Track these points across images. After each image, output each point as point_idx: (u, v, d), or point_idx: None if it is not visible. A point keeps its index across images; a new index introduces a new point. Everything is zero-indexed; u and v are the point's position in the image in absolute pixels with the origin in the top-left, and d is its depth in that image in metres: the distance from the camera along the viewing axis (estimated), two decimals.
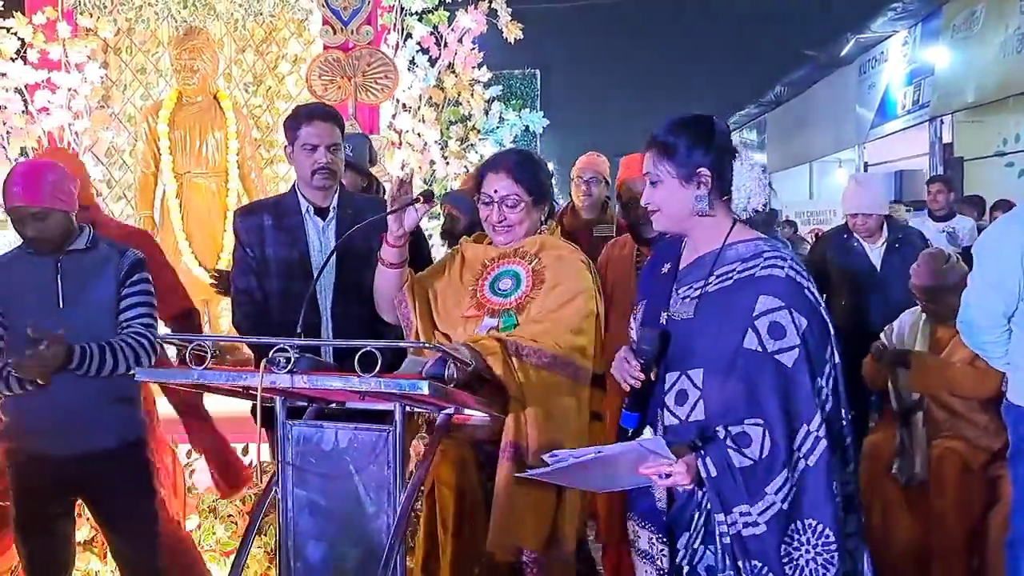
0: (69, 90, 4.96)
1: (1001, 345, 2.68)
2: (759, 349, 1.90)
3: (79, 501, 2.81)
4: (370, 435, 1.82)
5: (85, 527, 3.19)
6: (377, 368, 1.64)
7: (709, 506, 1.94)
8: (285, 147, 2.96)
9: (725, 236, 2.03)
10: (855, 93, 14.23)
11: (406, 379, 1.67)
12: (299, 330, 1.82)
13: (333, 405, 2.00)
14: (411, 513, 1.77)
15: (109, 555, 3.06)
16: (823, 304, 2.00)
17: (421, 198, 2.33)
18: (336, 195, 2.94)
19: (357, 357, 1.66)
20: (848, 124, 14.54)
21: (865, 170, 13.76)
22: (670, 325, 2.02)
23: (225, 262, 4.50)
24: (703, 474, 1.87)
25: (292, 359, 1.69)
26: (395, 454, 1.78)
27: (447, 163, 5.39)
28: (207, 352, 1.76)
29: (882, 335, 3.68)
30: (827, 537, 1.89)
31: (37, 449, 2.64)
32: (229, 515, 3.33)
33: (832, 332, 1.99)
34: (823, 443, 1.89)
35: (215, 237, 4.72)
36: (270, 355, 1.72)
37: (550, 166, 4.20)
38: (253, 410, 2.95)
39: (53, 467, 2.62)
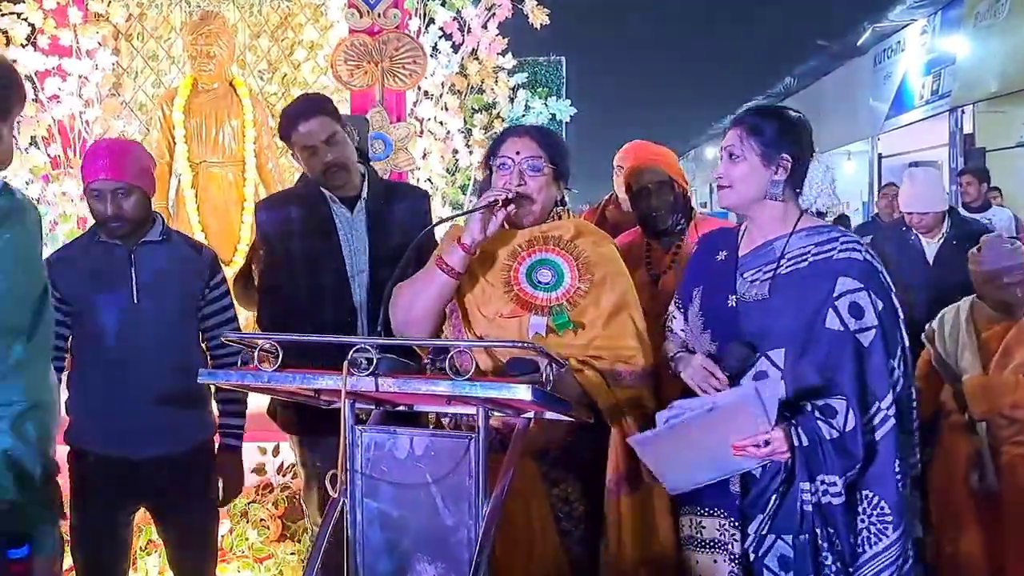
0: (80, 77, 4.80)
1: None
2: (842, 328, 1.99)
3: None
4: (449, 442, 1.65)
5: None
6: (471, 371, 1.47)
7: (785, 487, 2.01)
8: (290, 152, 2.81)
9: (795, 223, 2.11)
10: (869, 84, 14.06)
11: (505, 383, 1.50)
12: (379, 328, 1.65)
13: (401, 407, 1.83)
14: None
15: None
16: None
17: (501, 200, 2.10)
18: (365, 182, 2.77)
19: (449, 359, 1.49)
20: (861, 115, 14.38)
21: (879, 162, 13.60)
22: (740, 306, 2.09)
23: (241, 254, 4.34)
24: (795, 442, 1.95)
25: (374, 360, 1.51)
26: (478, 462, 1.61)
27: (470, 152, 5.23)
28: (278, 352, 1.58)
29: (925, 337, 3.51)
30: (882, 509, 2.01)
31: (106, 453, 2.46)
32: (261, 519, 3.16)
33: (902, 316, 2.08)
34: (891, 421, 2.00)
35: (232, 228, 4.54)
36: (351, 355, 1.55)
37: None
38: (271, 410, 2.83)
39: (123, 472, 2.46)
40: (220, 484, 2.64)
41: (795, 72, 17.48)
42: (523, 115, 5.47)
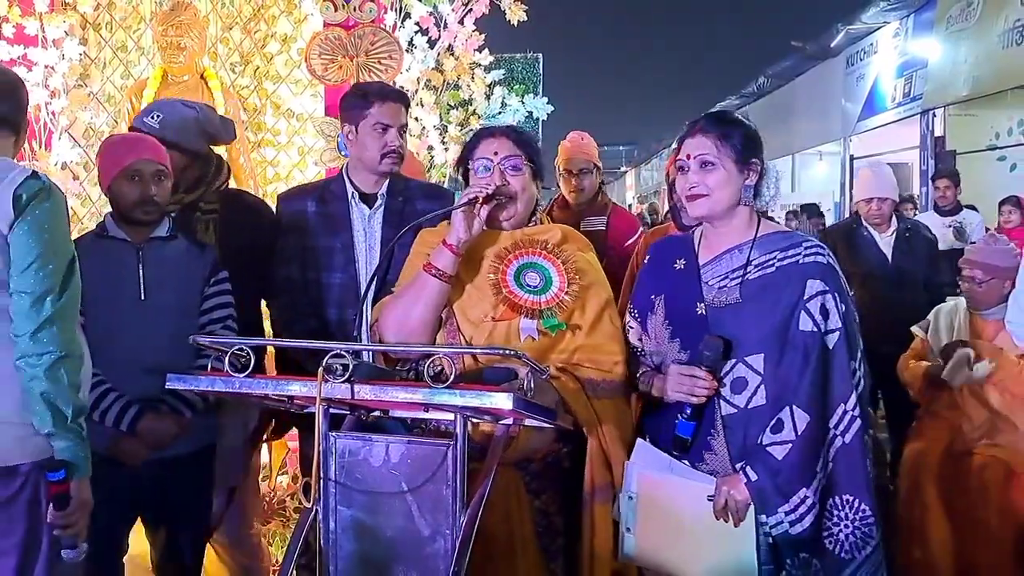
0: (46, 67, 4.68)
1: None
2: (815, 330, 2.01)
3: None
4: (426, 449, 1.60)
5: None
6: (451, 378, 1.43)
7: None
8: (344, 127, 2.77)
9: (756, 228, 2.13)
10: (842, 85, 14.15)
11: (484, 391, 1.45)
12: (356, 333, 1.60)
13: (377, 413, 1.78)
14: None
15: None
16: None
17: (481, 197, 2.06)
18: (387, 181, 2.76)
19: (428, 365, 1.44)
20: (834, 116, 14.46)
21: (851, 163, 13.70)
22: (710, 314, 2.08)
23: None
24: (743, 480, 1.99)
25: (350, 366, 1.46)
26: (456, 471, 1.56)
27: (446, 149, 5.18)
28: (250, 357, 1.53)
29: (916, 331, 3.57)
30: (864, 512, 2.01)
31: (108, 455, 2.39)
32: None
33: (857, 318, 2.11)
34: (858, 422, 2.01)
35: None
36: (326, 361, 1.49)
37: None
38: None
39: (125, 477, 2.40)
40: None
41: (769, 72, 17.55)
42: (499, 112, 5.42)
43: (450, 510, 1.55)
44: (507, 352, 1.63)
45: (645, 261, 2.31)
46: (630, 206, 25.93)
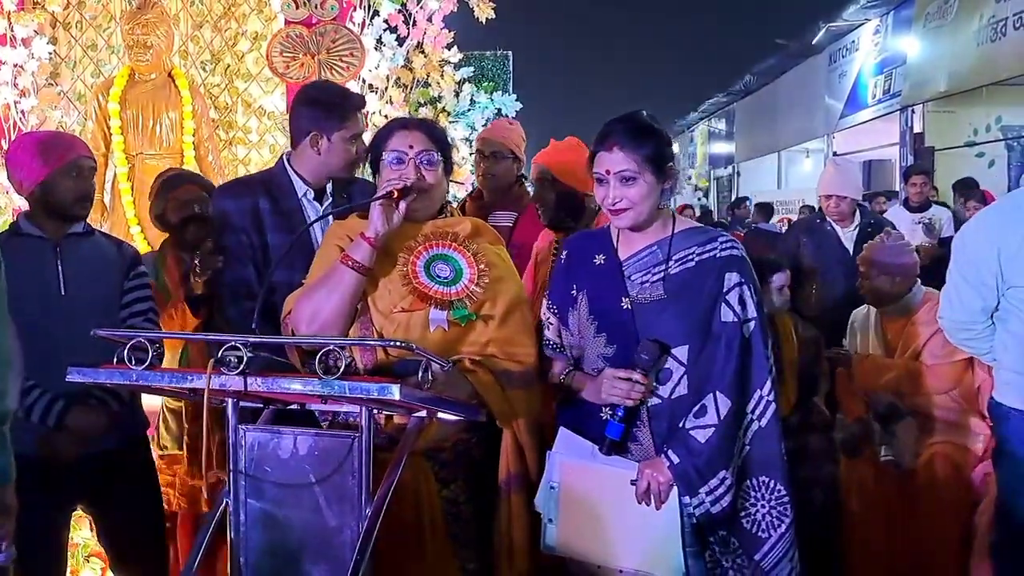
0: (15, 67, 4.68)
1: (985, 340, 2.59)
2: (735, 320, 2.10)
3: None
4: (333, 441, 1.64)
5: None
6: (342, 370, 1.46)
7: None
8: (310, 131, 2.69)
9: (672, 225, 2.20)
10: (825, 82, 14.20)
11: (374, 383, 1.48)
12: (254, 325, 1.62)
13: (294, 406, 1.81)
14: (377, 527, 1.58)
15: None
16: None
17: (397, 191, 2.07)
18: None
19: (318, 357, 1.47)
20: (817, 113, 14.52)
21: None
22: (636, 308, 2.14)
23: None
24: (666, 463, 2.06)
25: (244, 358, 1.49)
26: (362, 463, 1.59)
27: None
28: (149, 350, 1.56)
29: (845, 343, 3.64)
30: (779, 492, 2.11)
31: (35, 453, 2.40)
32: None
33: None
34: (773, 406, 2.11)
35: None
36: (219, 354, 1.52)
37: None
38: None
39: (55, 472, 2.41)
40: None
41: (754, 70, 17.61)
42: (469, 109, 5.45)
43: (356, 501, 1.59)
44: (398, 344, 1.66)
45: (562, 256, 2.33)
46: None
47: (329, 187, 2.73)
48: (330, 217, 2.57)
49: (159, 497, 2.69)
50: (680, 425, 2.09)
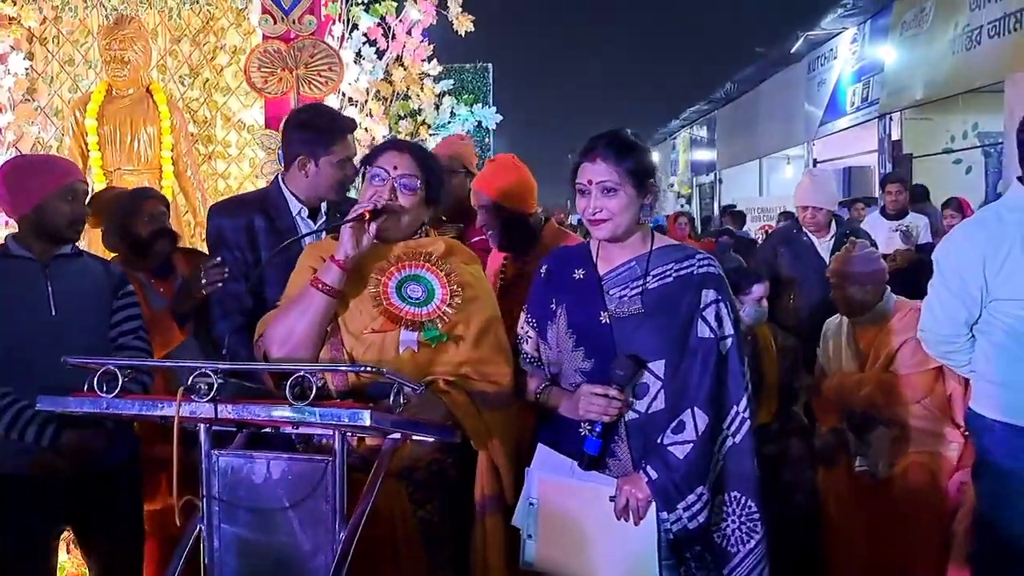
0: None
1: (965, 353, 2.60)
2: (712, 336, 2.12)
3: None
4: (307, 466, 1.63)
5: None
6: (312, 395, 1.46)
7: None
8: (298, 155, 2.72)
9: (651, 241, 2.23)
10: (804, 90, 14.32)
11: (345, 408, 1.48)
12: (224, 351, 1.62)
13: (268, 430, 1.81)
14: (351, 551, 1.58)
15: None
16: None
17: (368, 213, 2.06)
18: None
19: (289, 383, 1.47)
20: (797, 121, 14.63)
21: (814, 167, 13.85)
22: (614, 323, 2.16)
23: None
24: (645, 479, 2.07)
25: (214, 385, 1.49)
26: (335, 487, 1.59)
27: None
28: (118, 376, 1.55)
29: (818, 351, 3.66)
30: (750, 508, 2.14)
31: (27, 472, 2.40)
32: None
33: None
34: (747, 423, 2.14)
35: None
36: (189, 380, 1.52)
37: None
38: None
39: (44, 493, 2.41)
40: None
41: (735, 78, 17.72)
42: (449, 122, 5.45)
43: (330, 525, 1.59)
44: (369, 369, 1.66)
45: (542, 271, 2.34)
46: None
47: (324, 206, 2.74)
48: (322, 234, 2.57)
49: (142, 513, 2.68)
50: (658, 440, 2.10)
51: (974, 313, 2.51)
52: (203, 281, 2.70)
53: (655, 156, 2.41)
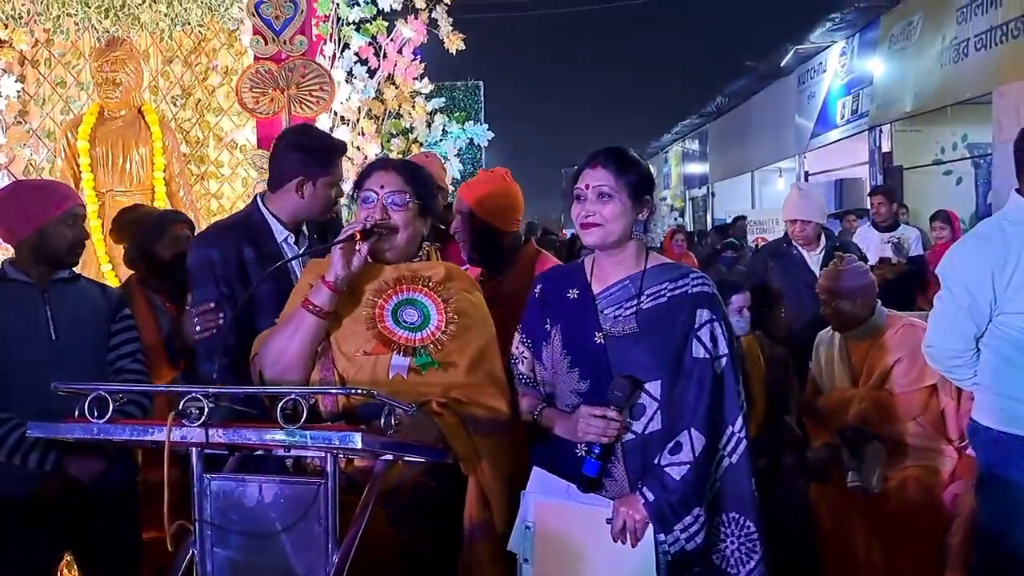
0: None
1: (970, 367, 2.60)
2: (707, 356, 2.11)
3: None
4: (298, 489, 1.63)
5: None
6: (303, 418, 1.46)
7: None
8: (296, 176, 2.69)
9: (645, 260, 2.22)
10: (795, 103, 14.40)
11: (336, 431, 1.49)
12: (215, 376, 1.62)
13: (259, 451, 1.80)
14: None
15: None
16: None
17: (359, 233, 2.05)
18: None
19: (280, 407, 1.48)
20: (788, 134, 14.71)
21: (806, 179, 13.93)
22: (609, 343, 2.15)
23: None
24: (641, 501, 2.06)
25: (205, 410, 1.49)
26: (327, 509, 1.59)
27: None
28: (109, 402, 1.55)
29: (810, 364, 3.66)
30: (748, 528, 2.12)
31: (26, 496, 2.40)
32: None
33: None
34: (744, 443, 2.13)
35: None
36: (180, 405, 1.52)
37: None
38: None
39: (44, 516, 2.40)
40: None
41: (726, 91, 17.82)
42: (441, 139, 5.48)
43: (323, 548, 1.58)
44: (360, 392, 1.66)
45: (536, 290, 2.33)
46: None
47: (305, 228, 2.73)
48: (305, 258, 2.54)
49: (141, 534, 2.66)
50: (655, 461, 2.09)
51: (982, 326, 2.52)
52: (197, 328, 2.62)
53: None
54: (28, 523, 2.43)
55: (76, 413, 1.61)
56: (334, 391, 1.96)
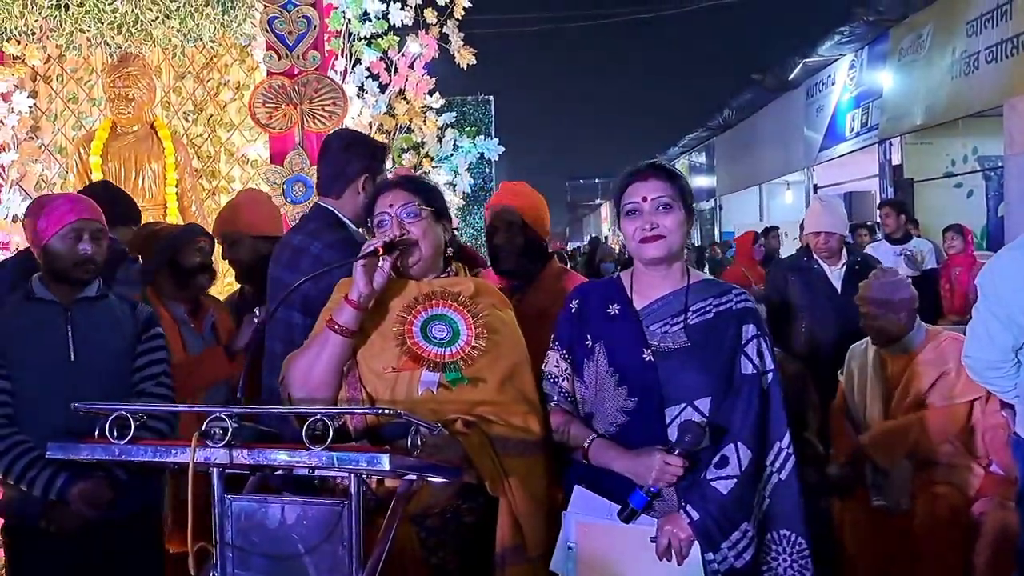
0: None
1: (1010, 379, 2.57)
2: (755, 371, 2.08)
3: None
4: (322, 510, 1.59)
5: None
6: (330, 439, 1.43)
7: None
8: (358, 175, 2.66)
9: (688, 275, 2.18)
10: (803, 116, 14.38)
11: (363, 452, 1.45)
12: (239, 395, 1.60)
13: (279, 471, 1.77)
14: None
15: None
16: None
17: (380, 248, 2.02)
18: None
19: (306, 427, 1.45)
20: (797, 146, 14.69)
21: (815, 192, 13.89)
22: (657, 359, 2.09)
23: None
24: (686, 520, 2.00)
25: (229, 430, 1.46)
26: (351, 531, 1.56)
27: None
28: (130, 422, 1.52)
29: (841, 378, 3.60)
30: (800, 545, 2.08)
31: (45, 524, 2.33)
32: None
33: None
34: (792, 459, 2.10)
35: None
36: (204, 426, 1.49)
37: None
38: None
39: (65, 543, 2.34)
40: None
41: (733, 104, 17.81)
42: (451, 154, 5.46)
43: (347, 570, 1.55)
44: (386, 411, 1.62)
45: (572, 305, 2.26)
46: (606, 238, 26.06)
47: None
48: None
49: (163, 559, 2.61)
50: (701, 476, 2.04)
51: (1020, 339, 2.49)
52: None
53: None
54: (41, 551, 2.37)
55: (96, 434, 1.58)
56: (359, 411, 1.92)
